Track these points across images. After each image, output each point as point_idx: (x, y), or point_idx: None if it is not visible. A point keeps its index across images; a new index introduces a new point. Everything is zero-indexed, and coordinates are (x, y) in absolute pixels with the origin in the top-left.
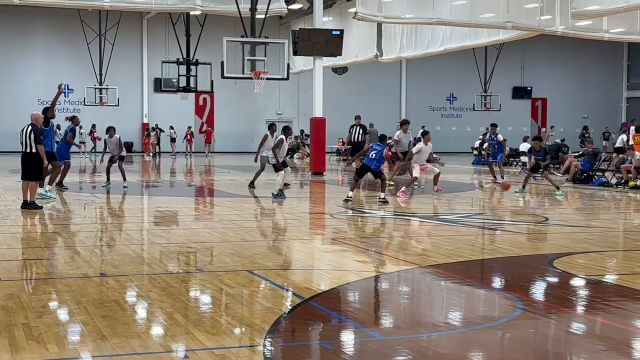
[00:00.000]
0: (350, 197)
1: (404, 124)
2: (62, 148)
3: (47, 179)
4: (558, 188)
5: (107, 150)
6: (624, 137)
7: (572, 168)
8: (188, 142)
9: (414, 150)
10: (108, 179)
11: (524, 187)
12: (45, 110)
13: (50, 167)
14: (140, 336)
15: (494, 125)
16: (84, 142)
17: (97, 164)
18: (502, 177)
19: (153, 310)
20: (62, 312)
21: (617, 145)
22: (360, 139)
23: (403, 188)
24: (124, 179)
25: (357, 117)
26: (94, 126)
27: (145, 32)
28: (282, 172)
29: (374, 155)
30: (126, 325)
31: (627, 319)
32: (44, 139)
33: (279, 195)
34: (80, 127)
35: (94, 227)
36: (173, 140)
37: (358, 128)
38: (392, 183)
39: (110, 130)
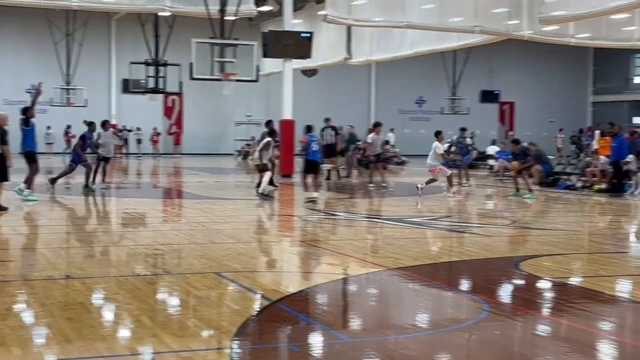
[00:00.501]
0: (315, 197)
1: (377, 126)
2: (75, 152)
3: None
4: (531, 191)
5: (101, 143)
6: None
7: (536, 173)
8: (154, 143)
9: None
10: (94, 179)
11: (517, 190)
12: (25, 111)
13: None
14: (106, 339)
15: (463, 129)
16: (52, 143)
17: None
18: (467, 180)
19: (120, 312)
20: (27, 314)
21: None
22: (331, 141)
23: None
24: (103, 180)
25: (327, 120)
26: (69, 127)
27: (113, 32)
28: (269, 172)
29: (315, 147)
30: (92, 328)
31: (591, 321)
32: (25, 139)
33: (268, 197)
34: (48, 127)
35: (60, 229)
36: (139, 141)
37: (329, 130)
38: (372, 185)
39: (107, 124)
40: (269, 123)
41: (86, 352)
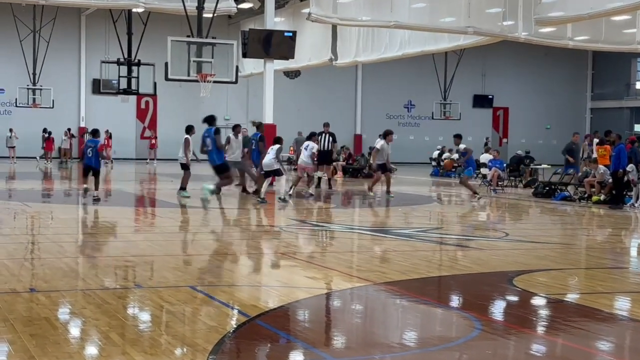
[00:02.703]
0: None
1: (389, 134)
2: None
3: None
4: (476, 193)
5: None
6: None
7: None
8: (106, 147)
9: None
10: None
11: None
12: None
13: None
14: (72, 356)
15: (457, 137)
16: (13, 147)
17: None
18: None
19: (87, 328)
20: None
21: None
22: (328, 147)
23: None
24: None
25: (326, 125)
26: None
27: (83, 29)
28: (284, 176)
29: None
30: (57, 344)
31: (588, 340)
32: None
33: (285, 200)
34: (11, 130)
35: (24, 238)
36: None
37: (327, 136)
38: (372, 193)
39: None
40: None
41: None
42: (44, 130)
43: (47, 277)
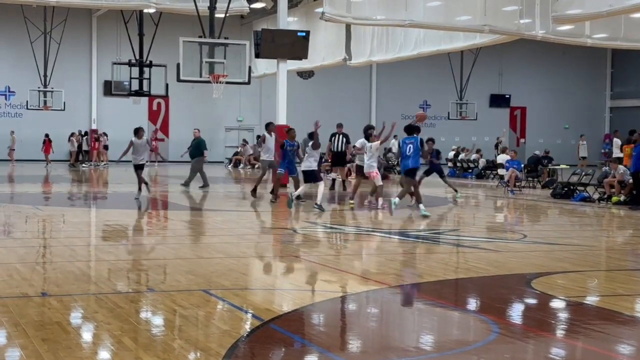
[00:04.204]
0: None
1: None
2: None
3: None
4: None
5: (133, 153)
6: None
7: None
8: (94, 149)
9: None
10: (140, 188)
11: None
12: None
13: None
14: None
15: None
16: (13, 149)
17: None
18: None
19: (99, 333)
20: None
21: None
22: (342, 149)
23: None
24: (140, 190)
25: (339, 125)
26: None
27: (94, 30)
28: (322, 182)
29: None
30: (69, 349)
31: (609, 344)
32: None
33: (320, 207)
34: (12, 132)
35: (35, 242)
36: (106, 147)
37: (340, 137)
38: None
39: (140, 131)
40: (269, 125)
41: None
42: (46, 135)
43: (58, 281)
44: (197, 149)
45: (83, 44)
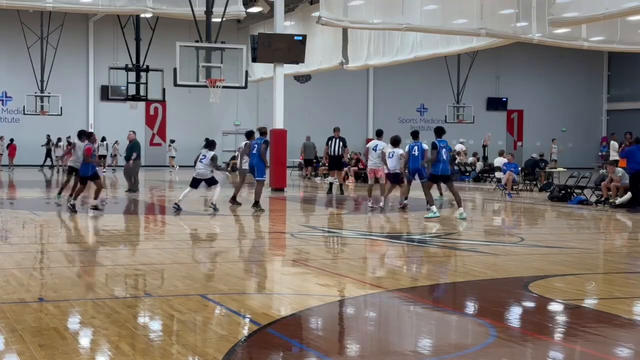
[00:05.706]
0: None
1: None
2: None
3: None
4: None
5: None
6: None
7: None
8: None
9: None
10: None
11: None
12: None
13: None
14: None
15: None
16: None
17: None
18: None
19: (96, 338)
20: None
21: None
22: (339, 152)
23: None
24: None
25: (336, 130)
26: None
27: (91, 35)
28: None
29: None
30: (66, 355)
31: (606, 347)
32: None
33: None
34: (1, 138)
35: (32, 247)
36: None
37: (337, 140)
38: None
39: (83, 136)
40: (251, 135)
41: None
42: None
43: (55, 287)
44: (131, 152)
45: (80, 48)
